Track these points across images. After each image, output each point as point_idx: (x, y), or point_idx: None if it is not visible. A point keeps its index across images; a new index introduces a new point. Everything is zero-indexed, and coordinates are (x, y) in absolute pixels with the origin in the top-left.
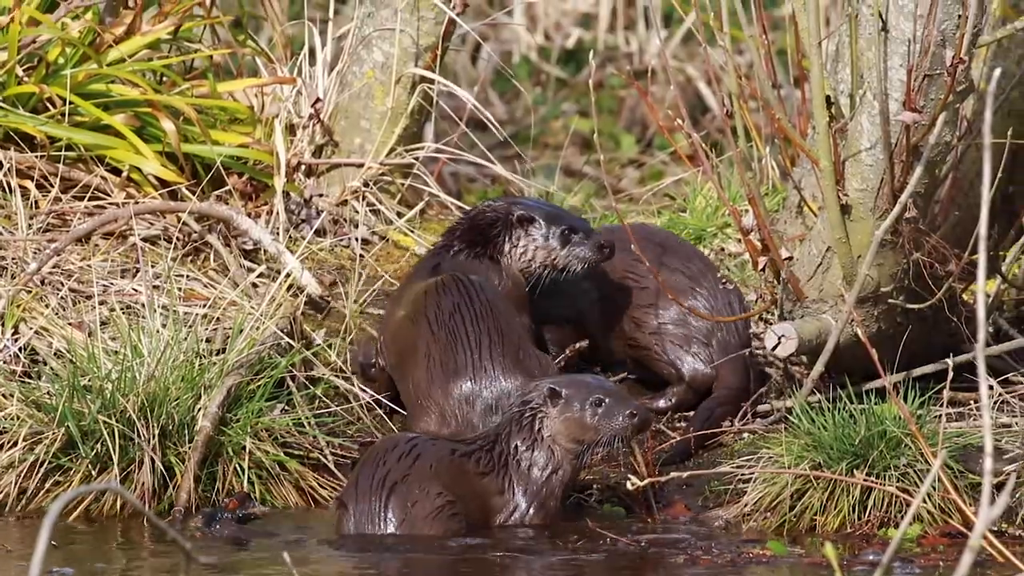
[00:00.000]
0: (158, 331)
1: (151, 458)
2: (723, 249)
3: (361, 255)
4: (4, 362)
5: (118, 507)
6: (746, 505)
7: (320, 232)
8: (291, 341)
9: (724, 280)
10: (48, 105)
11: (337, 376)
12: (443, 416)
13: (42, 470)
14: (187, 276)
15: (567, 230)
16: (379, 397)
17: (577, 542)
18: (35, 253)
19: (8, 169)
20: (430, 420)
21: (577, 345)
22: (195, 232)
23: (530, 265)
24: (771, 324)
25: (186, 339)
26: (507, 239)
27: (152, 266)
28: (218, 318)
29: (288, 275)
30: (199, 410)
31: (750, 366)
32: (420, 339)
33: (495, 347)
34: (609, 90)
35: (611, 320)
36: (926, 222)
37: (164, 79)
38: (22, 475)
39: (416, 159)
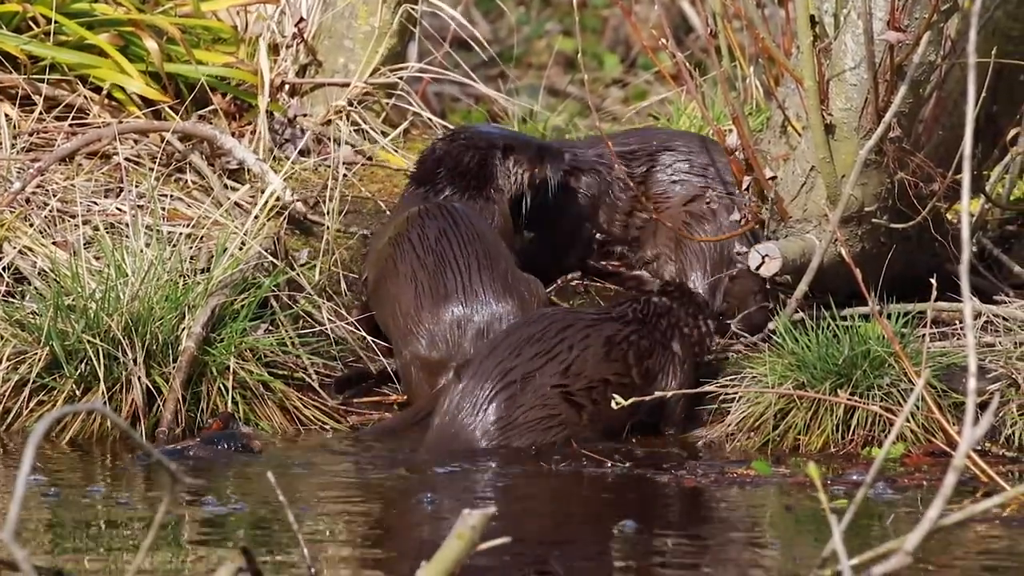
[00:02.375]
0: (142, 250)
1: (138, 379)
2: None
3: (345, 175)
4: None
5: (108, 427)
6: (729, 425)
7: (304, 152)
8: (275, 260)
9: (708, 201)
10: (31, 24)
11: (320, 296)
12: (433, 340)
13: (26, 390)
14: (171, 196)
15: (541, 149)
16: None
17: (561, 463)
18: (19, 172)
19: None
20: (419, 345)
21: (569, 276)
22: (179, 152)
23: (520, 191)
24: (755, 243)
25: (170, 259)
26: (499, 172)
27: (136, 185)
28: (202, 238)
29: (272, 194)
30: (183, 330)
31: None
32: (404, 264)
33: (484, 271)
34: (592, 9)
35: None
36: (910, 141)
37: None
38: (6, 395)
39: (400, 79)
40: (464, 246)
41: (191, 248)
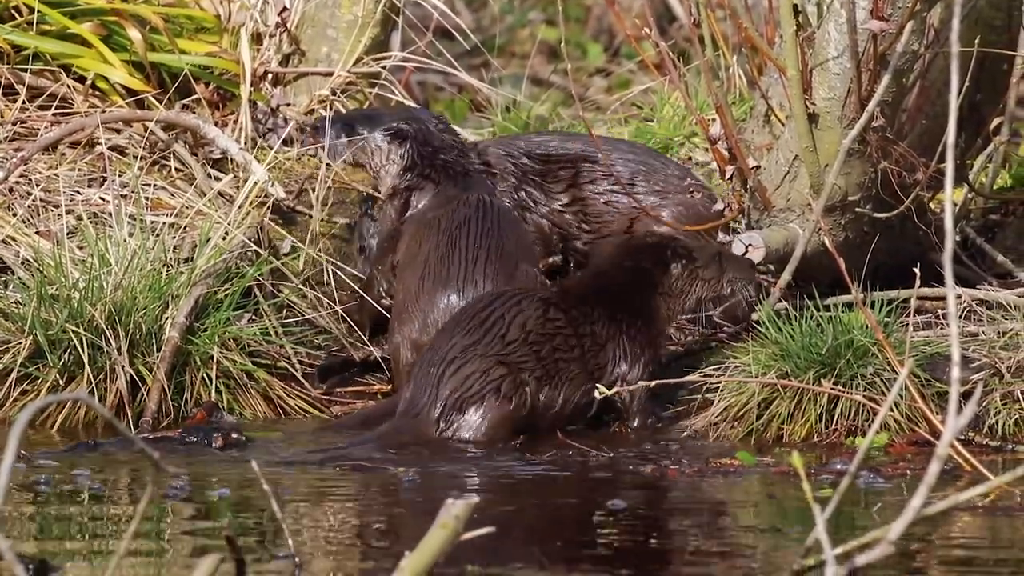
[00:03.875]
0: (125, 240)
1: (122, 368)
2: (690, 158)
3: (328, 164)
4: None
5: (91, 417)
6: (713, 415)
7: (287, 141)
8: (258, 249)
9: (692, 187)
10: (14, 13)
11: (304, 286)
12: (426, 325)
13: (10, 379)
14: (154, 185)
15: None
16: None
17: (546, 453)
18: (1, 162)
19: None
20: (412, 327)
21: (551, 259)
22: (162, 141)
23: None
24: (738, 233)
25: (153, 248)
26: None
27: (119, 175)
28: (185, 227)
29: (255, 184)
30: (167, 319)
31: None
32: (421, 245)
33: (491, 263)
34: None
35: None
36: (893, 131)
37: None
38: None
39: (383, 68)
40: (480, 237)
41: (175, 238)
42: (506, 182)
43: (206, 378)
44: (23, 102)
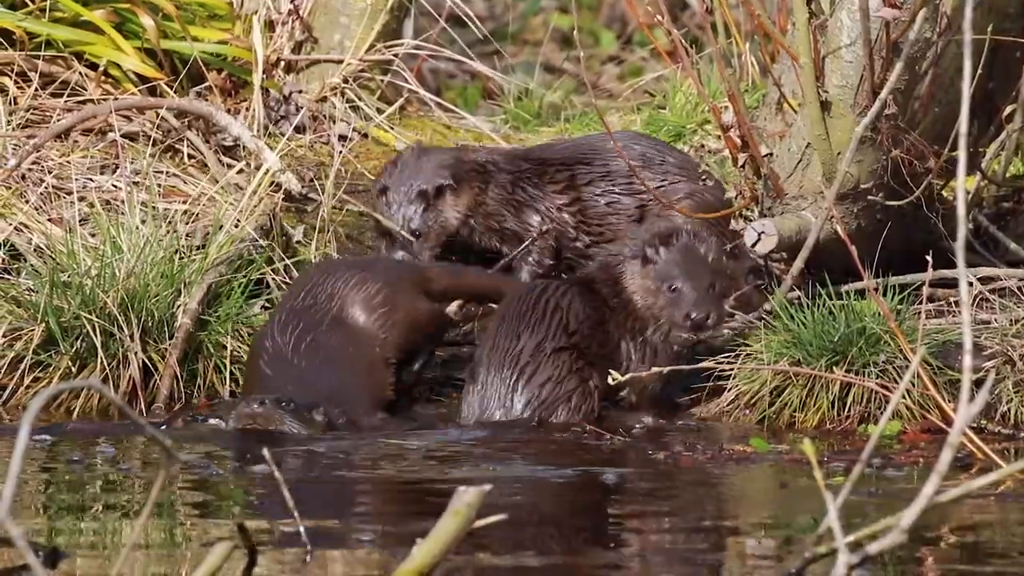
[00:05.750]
0: (137, 227)
1: (135, 355)
2: (703, 146)
3: (340, 151)
4: None
5: (104, 404)
6: (726, 402)
7: (299, 129)
8: (269, 240)
9: (704, 175)
10: (27, 1)
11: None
12: None
13: (22, 367)
14: (166, 172)
15: None
16: None
17: (560, 437)
18: (14, 149)
19: None
20: None
21: (544, 228)
22: (174, 128)
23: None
24: (751, 221)
25: (166, 235)
26: None
27: (131, 162)
28: (197, 215)
29: (267, 171)
30: (179, 307)
31: None
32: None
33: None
34: None
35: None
36: (906, 119)
37: None
38: (2, 371)
39: (396, 55)
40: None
41: (187, 225)
42: (502, 180)
43: (219, 365)
44: (36, 89)
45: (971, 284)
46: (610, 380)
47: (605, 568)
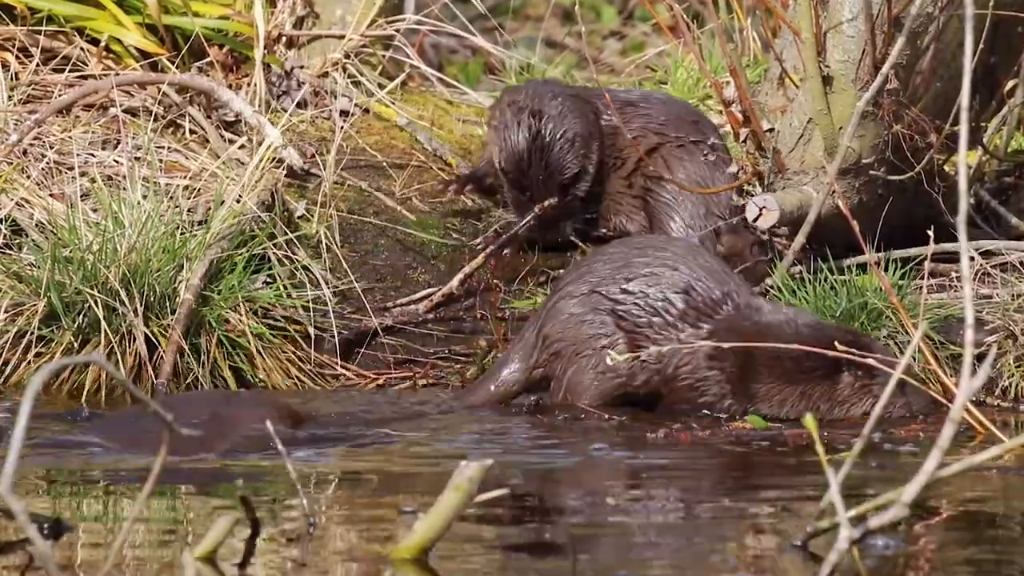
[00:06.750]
0: (139, 202)
1: (139, 329)
2: None
3: (342, 127)
4: None
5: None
6: None
7: (301, 104)
8: (271, 213)
9: (706, 151)
10: None
11: (317, 248)
12: None
13: (24, 342)
14: (168, 148)
15: None
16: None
17: (558, 416)
18: (16, 124)
19: None
20: None
21: (547, 203)
22: (176, 104)
23: None
24: (752, 195)
25: (167, 211)
26: None
27: (133, 137)
28: (199, 190)
29: (269, 147)
30: (181, 282)
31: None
32: None
33: None
34: None
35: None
36: (907, 93)
37: None
38: (5, 347)
39: (397, 31)
40: None
41: (188, 200)
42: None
43: (222, 340)
44: (37, 64)
45: (972, 259)
46: (608, 361)
47: (608, 537)
